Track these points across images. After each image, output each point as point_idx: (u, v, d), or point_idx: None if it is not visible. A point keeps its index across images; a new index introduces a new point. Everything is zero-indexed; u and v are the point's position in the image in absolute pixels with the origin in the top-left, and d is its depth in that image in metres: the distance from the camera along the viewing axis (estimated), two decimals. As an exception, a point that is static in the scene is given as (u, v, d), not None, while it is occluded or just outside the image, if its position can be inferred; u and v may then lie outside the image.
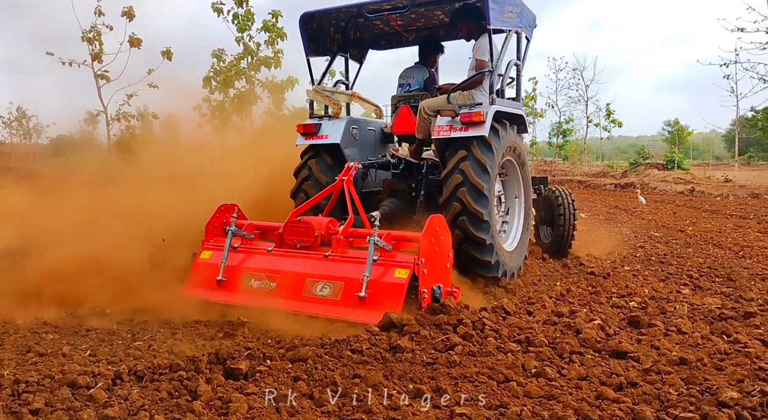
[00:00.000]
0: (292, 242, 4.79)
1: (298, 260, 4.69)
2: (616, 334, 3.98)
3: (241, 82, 19.07)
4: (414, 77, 6.49)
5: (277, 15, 18.04)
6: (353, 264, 4.49)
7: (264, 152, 8.18)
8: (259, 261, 4.81)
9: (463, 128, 5.14)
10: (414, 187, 6.01)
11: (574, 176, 29.55)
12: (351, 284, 4.32)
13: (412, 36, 7.03)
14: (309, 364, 3.35)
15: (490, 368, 3.31)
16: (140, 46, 14.45)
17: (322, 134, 5.98)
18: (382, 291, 4.25)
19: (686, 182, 23.33)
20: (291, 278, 4.55)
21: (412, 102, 6.24)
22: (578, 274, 6.26)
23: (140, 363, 3.26)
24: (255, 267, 4.76)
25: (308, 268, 4.59)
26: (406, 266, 4.31)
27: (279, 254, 4.80)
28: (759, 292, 5.27)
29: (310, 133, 6.02)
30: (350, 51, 6.81)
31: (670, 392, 2.98)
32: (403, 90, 6.50)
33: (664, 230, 10.16)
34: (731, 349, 3.65)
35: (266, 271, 4.68)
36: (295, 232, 4.78)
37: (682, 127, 46.15)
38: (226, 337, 3.88)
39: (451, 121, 5.24)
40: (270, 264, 4.74)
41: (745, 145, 47.89)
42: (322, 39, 6.36)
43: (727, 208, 14.69)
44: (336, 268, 4.51)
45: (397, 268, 4.33)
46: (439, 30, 6.90)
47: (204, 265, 4.92)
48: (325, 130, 5.99)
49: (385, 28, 6.80)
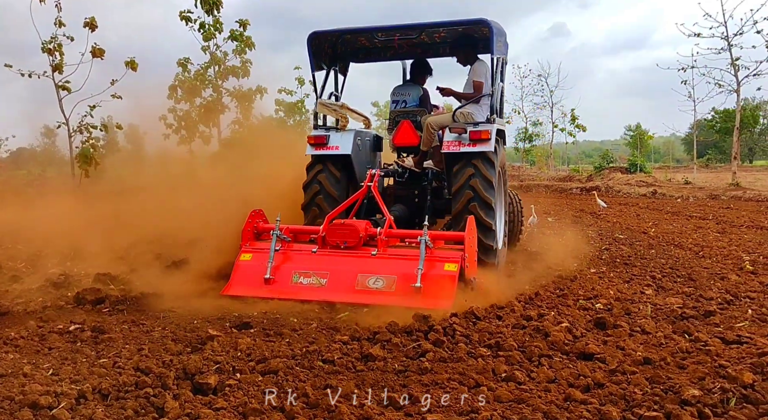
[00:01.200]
0: (335, 243, 5.36)
1: (345, 259, 5.28)
2: (583, 336, 4.06)
3: (208, 91, 18.87)
4: (409, 95, 7.07)
5: (245, 24, 17.92)
6: (401, 260, 5.19)
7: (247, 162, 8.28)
8: (305, 260, 5.37)
9: (471, 144, 5.81)
10: (417, 193, 6.66)
11: (541, 181, 30.05)
12: (404, 277, 4.98)
13: (403, 51, 7.50)
14: (280, 376, 3.33)
15: (461, 374, 3.34)
16: (103, 57, 14.15)
17: (331, 145, 6.35)
18: (435, 282, 4.92)
19: (648, 185, 23.97)
20: (342, 274, 5.16)
21: (411, 117, 6.85)
22: (546, 277, 6.35)
23: (105, 381, 3.18)
24: (302, 266, 5.31)
25: (358, 265, 5.20)
26: (455, 261, 5.03)
27: (324, 254, 5.38)
28: (718, 291, 5.44)
29: (321, 143, 6.36)
30: (339, 64, 7.25)
31: (635, 392, 3.05)
32: (400, 106, 7.08)
33: (628, 232, 10.41)
34: (692, 347, 3.76)
35: (314, 269, 5.25)
36: (338, 234, 5.35)
37: (643, 131, 47.44)
38: (195, 351, 3.81)
39: (459, 137, 5.87)
40: (317, 263, 5.31)
41: (703, 147, 49.49)
42: (322, 55, 6.85)
43: (687, 209, 15.14)
44: (385, 264, 5.18)
45: (446, 263, 5.04)
46: (429, 50, 7.44)
47: (247, 266, 5.42)
48: (334, 141, 6.37)
49: (367, 44, 7.23)
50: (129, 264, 6.74)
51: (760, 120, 51.40)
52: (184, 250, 7.31)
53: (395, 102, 7.13)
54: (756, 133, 54.56)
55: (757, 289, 5.53)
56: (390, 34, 6.69)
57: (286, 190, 7.29)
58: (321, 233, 5.43)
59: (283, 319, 4.58)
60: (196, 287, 5.61)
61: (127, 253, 7.79)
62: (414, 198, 6.65)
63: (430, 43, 7.25)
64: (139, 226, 6.98)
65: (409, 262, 5.07)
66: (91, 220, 9.54)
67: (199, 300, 5.25)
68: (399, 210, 6.37)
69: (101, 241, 8.81)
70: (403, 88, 7.19)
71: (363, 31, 6.64)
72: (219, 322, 4.54)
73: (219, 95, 18.81)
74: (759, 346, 3.68)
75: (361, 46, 7.29)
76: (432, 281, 4.92)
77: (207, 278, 5.78)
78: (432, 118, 6.60)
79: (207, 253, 6.89)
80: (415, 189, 6.67)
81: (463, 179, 5.78)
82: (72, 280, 5.92)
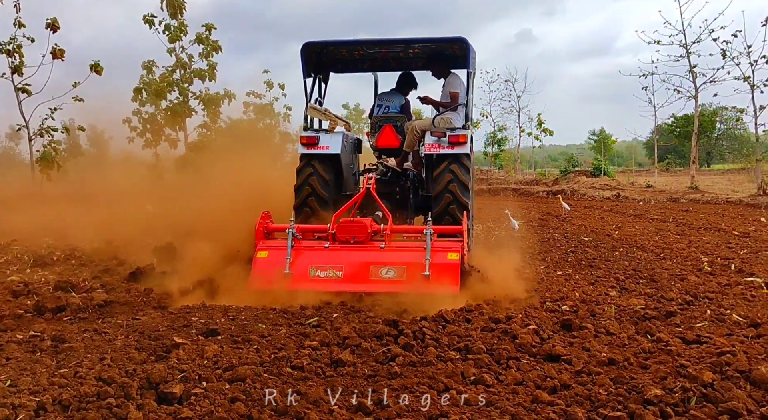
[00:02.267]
0: (345, 239, 5.82)
1: (357, 252, 5.78)
2: (550, 338, 4.12)
3: (174, 94, 18.57)
4: (392, 101, 7.68)
5: (210, 28, 17.71)
6: (407, 251, 5.80)
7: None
8: (320, 255, 5.82)
9: (449, 146, 6.53)
10: (398, 191, 7.34)
11: (509, 184, 30.45)
12: (413, 267, 5.51)
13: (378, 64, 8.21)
14: (247, 384, 3.28)
15: (430, 378, 3.35)
16: (63, 58, 13.79)
17: (322, 145, 6.89)
18: (441, 270, 5.47)
19: (612, 188, 24.55)
20: (356, 267, 5.70)
21: (393, 122, 7.45)
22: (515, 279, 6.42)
23: (65, 392, 3.08)
24: (317, 260, 5.75)
25: (370, 258, 5.71)
26: (457, 250, 5.61)
27: (337, 249, 5.83)
28: (678, 291, 5.60)
29: (312, 143, 6.89)
30: (323, 73, 7.87)
31: (600, 392, 3.11)
32: (383, 111, 7.65)
33: (593, 235, 10.63)
34: (655, 348, 3.86)
35: (329, 263, 5.73)
36: (348, 231, 5.83)
37: (606, 136, 48.51)
38: (159, 360, 3.73)
39: (439, 140, 6.59)
40: (331, 257, 5.78)
41: (664, 152, 50.85)
42: (310, 63, 7.43)
43: (649, 212, 15.55)
44: (394, 256, 5.72)
45: (449, 252, 5.61)
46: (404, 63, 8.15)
47: (266, 262, 5.79)
48: (324, 141, 6.91)
49: (347, 56, 7.87)
50: (91, 271, 6.58)
51: (717, 125, 53.16)
52: (149, 256, 7.17)
53: (379, 106, 7.70)
54: (713, 138, 56.42)
55: (715, 289, 5.71)
56: (375, 47, 7.49)
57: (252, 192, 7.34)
58: (331, 230, 5.89)
59: (251, 326, 4.52)
60: (162, 294, 5.51)
61: (89, 259, 7.60)
62: (395, 195, 7.31)
63: (405, 58, 7.91)
64: (102, 232, 6.82)
65: (415, 253, 5.68)
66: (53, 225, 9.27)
67: (165, 307, 5.15)
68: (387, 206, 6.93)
69: (63, 248, 8.57)
70: (388, 95, 7.79)
71: (349, 43, 7.41)
72: (185, 329, 4.45)
73: (185, 98, 18.52)
74: (718, 345, 3.79)
75: (342, 57, 7.89)
76: (438, 270, 5.46)
77: (173, 285, 5.67)
78: (416, 122, 7.28)
79: (172, 259, 6.78)
80: (396, 187, 7.34)
81: (443, 184, 6.47)
82: (32, 288, 5.74)
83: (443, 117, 6.90)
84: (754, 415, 2.84)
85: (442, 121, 6.85)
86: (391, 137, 7.35)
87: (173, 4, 16.44)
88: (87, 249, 8.34)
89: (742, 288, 5.74)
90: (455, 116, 6.99)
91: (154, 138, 20.81)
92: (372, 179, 6.58)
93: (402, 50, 7.60)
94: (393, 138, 7.35)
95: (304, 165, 6.88)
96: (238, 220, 6.54)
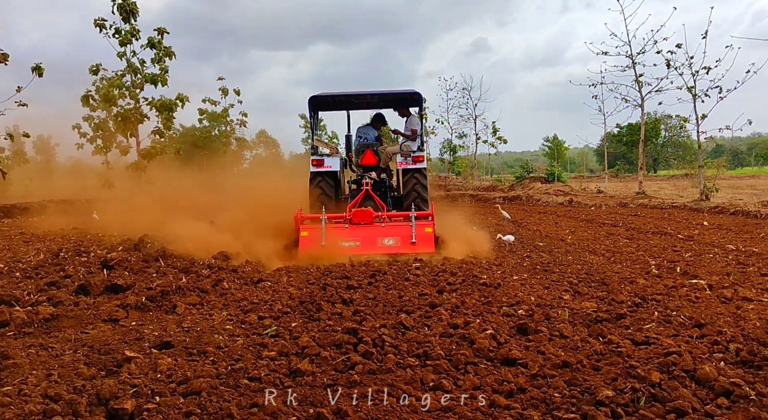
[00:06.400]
0: (359, 221, 9.02)
1: (367, 229, 8.94)
2: (506, 342, 4.19)
3: (126, 99, 18.05)
4: (369, 134, 11.18)
5: (163, 32, 17.32)
6: (399, 227, 8.99)
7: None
8: (343, 232, 8.92)
9: (413, 163, 10.20)
10: (378, 193, 10.27)
11: (467, 190, 30.89)
12: (404, 237, 8.77)
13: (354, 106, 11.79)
14: (203, 397, 3.20)
15: (389, 385, 3.36)
16: (7, 62, 13.22)
17: (327, 165, 10.20)
18: (422, 238, 8.73)
19: (565, 194, 25.24)
20: (368, 238, 8.80)
21: (371, 148, 10.75)
22: (472, 285, 6.51)
23: (9, 410, 2.94)
24: (342, 236, 8.85)
25: (376, 232, 8.89)
26: (430, 225, 8.95)
27: (353, 228, 8.97)
28: (628, 294, 5.78)
29: (320, 164, 10.21)
30: (317, 112, 11.56)
31: (555, 395, 3.18)
32: (363, 140, 11.07)
33: (548, 240, 10.89)
34: (606, 349, 3.97)
35: (350, 237, 8.84)
36: (360, 216, 9.04)
37: (559, 143, 49.86)
38: (110, 375, 3.60)
39: (406, 159, 10.23)
40: (351, 233, 8.91)
41: (613, 158, 52.60)
42: (315, 108, 11.25)
43: (600, 217, 16.05)
44: (392, 230, 8.93)
45: (426, 227, 8.91)
46: (375, 105, 11.79)
47: (308, 239, 8.73)
48: (328, 162, 10.25)
49: (338, 101, 11.21)
50: (37, 284, 6.30)
51: (662, 133, 55.39)
52: (98, 269, 6.92)
53: (359, 137, 11.12)
54: (659, 144, 58.77)
55: (663, 291, 5.93)
56: (359, 97, 10.86)
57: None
58: (348, 216, 9.07)
59: (207, 337, 4.42)
60: (111, 307, 5.32)
61: (35, 272, 7.29)
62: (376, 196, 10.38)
63: (376, 102, 11.38)
64: (48, 243, 6.53)
65: (405, 228, 8.89)
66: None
67: (116, 320, 4.98)
68: (371, 204, 9.84)
69: (6, 260, 8.19)
70: (366, 128, 11.33)
71: (340, 95, 10.83)
72: (137, 342, 4.31)
73: (137, 104, 18.03)
74: (665, 346, 3.94)
75: (330, 101, 11.21)
76: (420, 238, 8.72)
77: (123, 296, 5.49)
78: (388, 148, 10.93)
79: (122, 271, 6.57)
80: (377, 191, 10.34)
81: (410, 187, 10.17)
82: (-29, 303, 5.44)
83: (406, 144, 10.58)
84: (699, 413, 2.96)
85: (405, 147, 10.45)
86: (371, 158, 10.65)
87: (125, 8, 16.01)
88: (32, 261, 8.01)
89: (687, 290, 5.98)
90: (414, 144, 10.68)
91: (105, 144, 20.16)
92: (369, 184, 9.88)
93: (376, 97, 10.85)
94: (372, 158, 10.67)
95: (315, 177, 10.19)
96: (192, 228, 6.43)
